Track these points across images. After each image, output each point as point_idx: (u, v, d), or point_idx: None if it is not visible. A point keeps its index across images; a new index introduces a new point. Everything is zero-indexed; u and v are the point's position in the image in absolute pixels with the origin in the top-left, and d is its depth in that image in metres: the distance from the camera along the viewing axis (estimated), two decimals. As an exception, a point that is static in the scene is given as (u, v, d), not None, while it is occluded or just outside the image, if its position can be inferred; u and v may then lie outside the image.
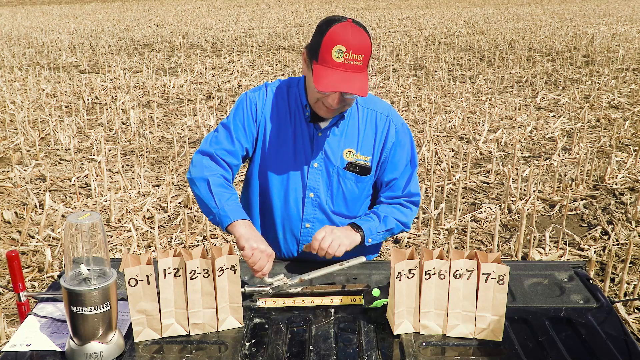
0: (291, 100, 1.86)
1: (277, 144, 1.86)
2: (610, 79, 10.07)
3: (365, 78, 1.66)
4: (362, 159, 1.86)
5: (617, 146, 6.41)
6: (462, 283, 1.45)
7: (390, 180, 1.90)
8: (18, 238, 4.22)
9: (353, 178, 1.87)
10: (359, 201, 1.93)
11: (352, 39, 1.61)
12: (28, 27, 19.95)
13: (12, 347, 1.40)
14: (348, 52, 1.61)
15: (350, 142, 1.86)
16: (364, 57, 1.64)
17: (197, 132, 7.06)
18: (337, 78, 1.62)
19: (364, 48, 1.63)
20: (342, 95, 1.69)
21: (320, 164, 1.86)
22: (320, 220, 1.90)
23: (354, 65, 1.63)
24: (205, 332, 1.48)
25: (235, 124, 1.85)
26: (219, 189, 1.75)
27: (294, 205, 1.89)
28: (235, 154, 1.85)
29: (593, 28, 18.16)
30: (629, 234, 4.29)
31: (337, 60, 1.61)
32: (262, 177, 1.91)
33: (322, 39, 1.63)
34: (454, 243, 4.12)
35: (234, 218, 1.69)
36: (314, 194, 1.88)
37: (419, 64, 12.01)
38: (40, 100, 8.56)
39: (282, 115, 1.86)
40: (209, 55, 13.44)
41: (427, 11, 26.43)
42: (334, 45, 1.61)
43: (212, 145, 1.85)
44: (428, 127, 7.03)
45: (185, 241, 4.17)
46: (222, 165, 1.84)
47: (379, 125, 1.86)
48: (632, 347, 1.42)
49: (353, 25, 1.64)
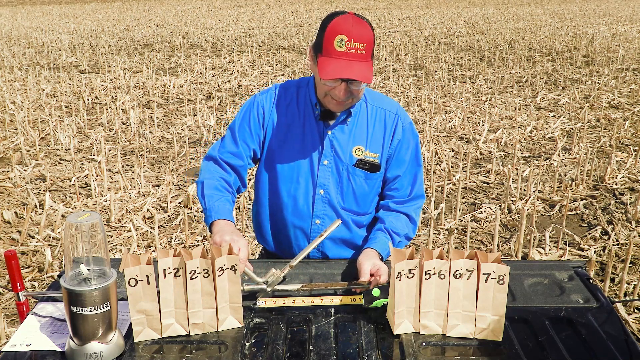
0: (301, 100, 1.90)
1: (287, 142, 1.89)
2: (610, 79, 10.07)
3: (368, 66, 1.69)
4: (371, 156, 1.89)
5: (617, 146, 6.41)
6: (462, 283, 1.45)
7: (395, 178, 1.93)
8: (18, 238, 4.22)
9: (362, 175, 1.90)
10: (368, 197, 1.95)
11: (354, 29, 1.65)
12: (28, 27, 19.96)
13: (12, 347, 1.40)
14: (350, 41, 1.64)
15: (360, 140, 1.88)
16: (366, 46, 1.66)
17: (197, 132, 7.06)
18: (339, 66, 1.65)
19: (365, 37, 1.66)
20: (348, 86, 1.71)
21: (330, 162, 1.88)
22: (330, 216, 1.93)
23: (357, 54, 1.66)
24: (205, 332, 1.48)
25: (240, 126, 1.92)
26: (210, 191, 1.82)
27: (304, 203, 1.92)
28: (240, 155, 1.91)
29: (593, 28, 18.16)
30: (629, 234, 4.29)
31: (340, 49, 1.65)
32: (271, 176, 1.94)
33: (325, 31, 1.68)
34: (454, 243, 4.12)
35: (215, 217, 1.74)
36: (324, 191, 1.90)
37: (419, 64, 12.01)
38: (40, 100, 8.57)
39: (291, 114, 1.90)
40: (209, 55, 13.44)
41: (427, 11, 26.43)
42: (336, 35, 1.65)
43: (217, 149, 1.94)
44: (428, 127, 7.03)
45: (185, 241, 4.17)
46: (225, 168, 1.91)
47: (388, 122, 1.89)
48: (632, 347, 1.42)
49: (354, 16, 1.68)
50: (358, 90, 1.74)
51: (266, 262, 1.87)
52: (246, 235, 4.29)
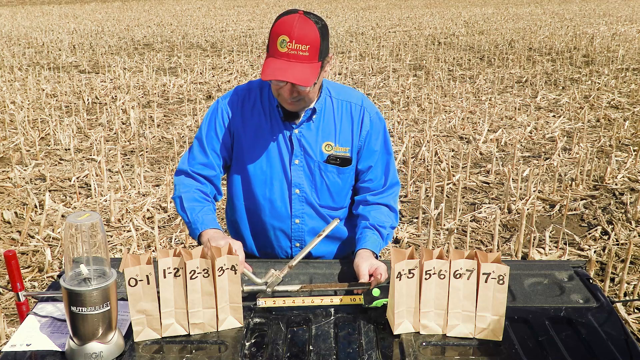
0: (265, 101, 1.88)
1: (255, 145, 1.88)
2: (610, 79, 10.07)
3: (312, 68, 1.66)
4: (341, 150, 1.88)
5: (617, 146, 6.41)
6: (462, 283, 1.45)
7: (367, 169, 1.92)
8: (18, 238, 4.22)
9: (335, 170, 1.89)
10: (342, 191, 1.96)
11: (297, 30, 1.62)
12: (28, 27, 19.95)
13: (12, 347, 1.40)
14: (291, 42, 1.62)
15: (328, 135, 1.88)
16: (309, 48, 1.64)
17: (196, 132, 7.06)
18: (277, 66, 1.64)
19: (309, 39, 1.63)
20: (293, 87, 1.70)
21: (300, 160, 1.88)
22: (309, 214, 1.93)
23: (299, 56, 1.64)
24: (205, 332, 1.48)
25: (207, 135, 1.90)
26: (190, 204, 1.81)
27: (281, 204, 1.91)
28: (211, 165, 1.89)
29: (593, 28, 18.15)
30: (628, 234, 4.29)
31: (281, 50, 1.64)
32: (244, 181, 1.93)
33: (271, 30, 1.67)
34: (454, 243, 4.12)
35: (202, 228, 1.74)
36: (299, 190, 1.90)
37: (418, 64, 12.01)
38: (40, 100, 8.56)
39: (257, 116, 1.87)
40: (209, 55, 13.44)
41: (427, 11, 26.43)
42: (278, 36, 1.64)
43: (186, 162, 1.91)
44: (428, 127, 7.03)
45: (185, 241, 4.17)
46: (198, 179, 1.89)
47: (354, 115, 1.88)
48: (632, 347, 1.42)
49: (302, 16, 1.65)
50: (305, 91, 1.71)
51: (265, 262, 1.87)
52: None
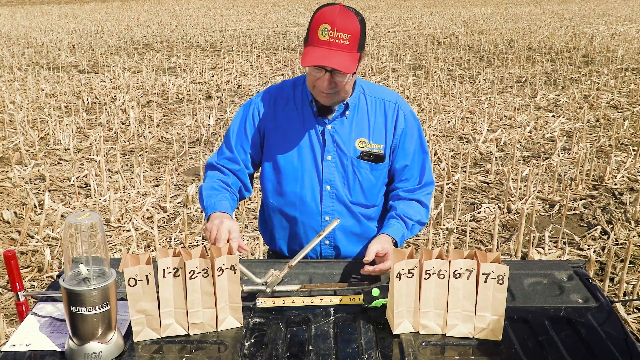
0: (297, 98, 1.90)
1: (287, 141, 1.90)
2: (610, 79, 10.08)
3: (352, 57, 1.68)
4: (375, 147, 1.89)
5: (616, 146, 6.41)
6: (462, 283, 1.45)
7: (403, 168, 1.93)
8: (17, 238, 4.22)
9: (368, 167, 1.90)
10: (375, 188, 1.95)
11: (339, 19, 1.65)
12: (27, 27, 19.94)
13: (11, 346, 1.40)
14: (333, 31, 1.64)
15: (362, 132, 1.88)
16: (350, 37, 1.66)
17: (196, 132, 7.06)
18: (319, 54, 1.66)
19: (350, 28, 1.66)
20: (332, 76, 1.71)
21: (333, 157, 1.88)
22: (339, 211, 1.93)
23: (340, 44, 1.65)
24: (204, 332, 1.48)
25: (237, 131, 1.95)
26: (208, 192, 1.87)
27: (311, 200, 1.91)
28: (235, 160, 1.94)
29: (592, 28, 18.16)
30: (628, 234, 4.29)
31: (323, 38, 1.66)
32: (276, 178, 1.94)
33: (311, 21, 1.69)
34: (453, 243, 4.12)
35: (211, 212, 1.78)
36: (330, 187, 1.90)
37: (418, 63, 12.01)
38: (39, 100, 8.56)
39: (289, 113, 1.90)
40: (209, 55, 13.43)
41: (427, 11, 26.43)
42: (320, 24, 1.66)
43: (215, 156, 2.01)
44: (428, 127, 7.03)
45: (185, 241, 4.17)
46: (223, 171, 1.96)
47: (388, 112, 1.90)
48: (631, 347, 1.42)
49: (342, 7, 1.68)
50: (343, 82, 1.73)
51: (265, 262, 1.87)
52: (245, 236, 4.29)
